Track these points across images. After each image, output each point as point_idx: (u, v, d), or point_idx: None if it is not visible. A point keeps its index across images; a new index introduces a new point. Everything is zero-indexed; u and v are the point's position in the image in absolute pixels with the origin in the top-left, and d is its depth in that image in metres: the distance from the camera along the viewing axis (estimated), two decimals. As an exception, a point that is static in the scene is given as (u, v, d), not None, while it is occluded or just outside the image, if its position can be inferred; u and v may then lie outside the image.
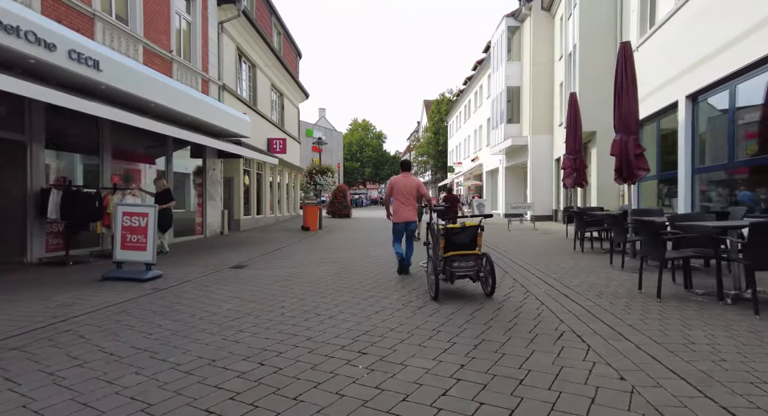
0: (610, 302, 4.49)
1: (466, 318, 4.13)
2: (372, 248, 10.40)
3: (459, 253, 4.93)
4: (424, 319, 4.15)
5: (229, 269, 7.63)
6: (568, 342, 3.35)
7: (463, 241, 4.97)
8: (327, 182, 16.65)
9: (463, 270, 4.92)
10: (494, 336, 3.55)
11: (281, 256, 9.23)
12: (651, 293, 4.84)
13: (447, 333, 3.68)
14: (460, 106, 38.76)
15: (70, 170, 8.62)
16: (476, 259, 4.91)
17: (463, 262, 4.90)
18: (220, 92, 14.00)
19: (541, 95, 20.18)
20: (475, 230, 5.00)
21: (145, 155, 10.92)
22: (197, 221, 12.89)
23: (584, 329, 3.65)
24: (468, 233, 4.98)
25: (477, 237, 5.00)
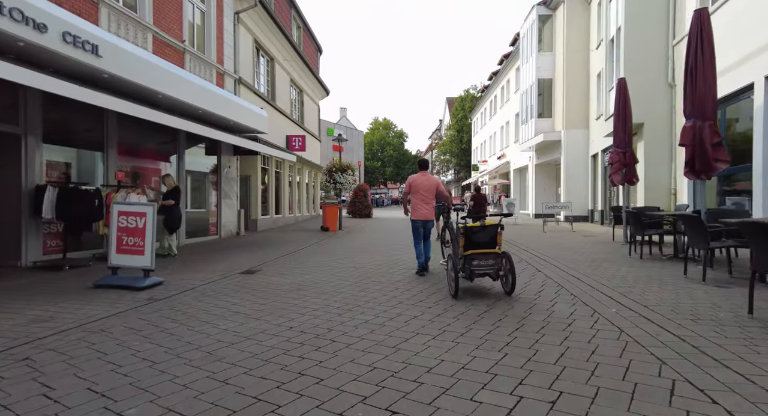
0: (717, 332, 3.43)
1: (554, 357, 3.18)
2: (394, 251, 9.50)
3: (479, 251, 4.96)
4: (485, 365, 3.21)
5: (238, 274, 6.88)
6: (692, 404, 2.35)
7: (483, 240, 5.01)
8: (347, 181, 15.85)
9: (482, 269, 4.94)
10: (584, 390, 2.59)
11: (297, 260, 8.44)
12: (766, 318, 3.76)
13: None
14: (485, 102, 37.42)
15: (71, 167, 8.02)
16: (496, 257, 4.94)
17: (483, 260, 4.93)
18: (236, 86, 13.36)
19: (576, 87, 18.84)
20: (495, 229, 5.01)
21: (155, 151, 10.32)
22: (212, 221, 12.27)
23: (705, 380, 2.58)
24: (488, 232, 5.01)
25: (497, 236, 5.02)
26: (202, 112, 10.05)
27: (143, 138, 9.83)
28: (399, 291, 5.38)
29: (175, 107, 9.41)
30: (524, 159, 25.17)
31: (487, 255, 4.95)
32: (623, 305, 4.36)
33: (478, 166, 37.61)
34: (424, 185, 6.55)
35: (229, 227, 12.99)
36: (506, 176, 31.69)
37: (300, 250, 10.08)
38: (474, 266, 4.94)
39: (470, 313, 4.25)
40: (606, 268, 6.72)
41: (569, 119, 19.03)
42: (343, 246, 10.76)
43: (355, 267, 7.39)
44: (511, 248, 9.76)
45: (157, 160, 10.34)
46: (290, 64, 18.89)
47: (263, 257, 8.75)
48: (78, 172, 8.14)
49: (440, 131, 62.09)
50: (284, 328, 3.86)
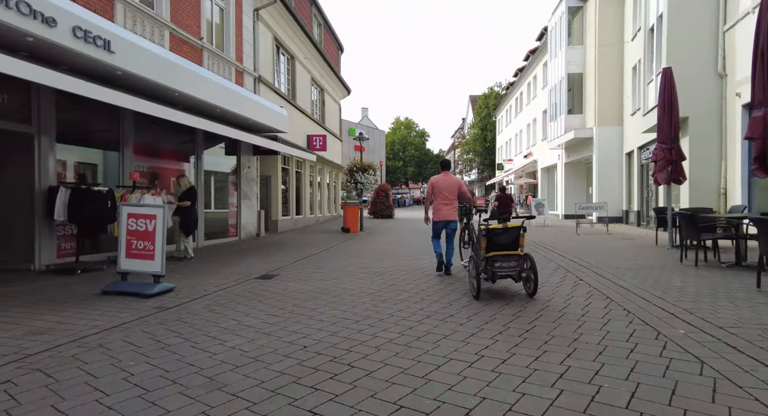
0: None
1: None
2: (418, 255, 8.98)
3: (501, 253, 4.97)
4: (537, 406, 2.68)
5: (254, 280, 6.51)
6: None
7: (505, 241, 5.00)
8: (368, 181, 15.41)
9: (505, 270, 4.95)
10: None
11: (316, 263, 8.03)
12: None
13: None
14: (511, 99, 36.39)
15: (86, 167, 7.83)
16: (518, 259, 4.94)
17: (505, 262, 4.94)
18: (256, 84, 13.11)
19: (609, 81, 17.85)
20: (517, 231, 5.01)
21: (173, 151, 10.12)
22: (231, 222, 12.04)
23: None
24: (510, 234, 5.01)
25: (519, 238, 5.02)
26: (220, 110, 9.78)
27: (160, 138, 9.63)
28: (425, 302, 4.87)
29: (192, 106, 9.17)
30: (553, 157, 24.20)
31: (510, 257, 4.95)
32: (692, 325, 3.72)
33: (503, 165, 36.62)
34: (447, 186, 6.52)
35: (249, 229, 12.74)
36: (533, 176, 30.66)
37: (320, 253, 9.68)
38: (496, 268, 4.94)
39: (511, 332, 3.70)
40: (657, 277, 6.01)
41: (602, 115, 18.06)
42: (364, 249, 10.31)
43: (377, 273, 6.91)
44: (545, 252, 9.10)
45: (175, 160, 10.14)
46: (311, 63, 18.60)
47: (282, 261, 8.39)
48: (93, 172, 7.96)
49: (463, 129, 61.08)
50: (297, 347, 3.41)
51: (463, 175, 53.50)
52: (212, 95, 9.17)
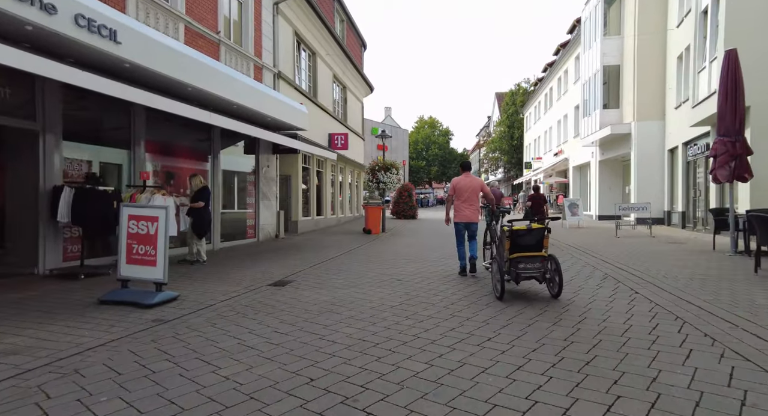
0: None
1: None
2: (443, 259, 8.28)
3: (525, 255, 4.92)
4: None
5: (267, 287, 5.98)
6: None
7: (529, 243, 4.95)
8: (391, 180, 14.78)
9: (529, 272, 4.90)
10: None
11: (335, 268, 7.46)
12: None
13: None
14: (540, 95, 35.03)
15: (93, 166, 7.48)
16: (542, 261, 4.90)
17: (529, 264, 4.90)
18: (276, 81, 12.68)
19: (650, 73, 16.61)
20: (542, 232, 4.96)
21: (188, 150, 9.75)
22: (249, 223, 11.63)
23: None
24: (534, 235, 4.95)
25: (543, 239, 4.96)
26: (237, 107, 9.35)
27: (175, 135, 9.27)
28: (455, 320, 4.19)
29: (207, 102, 8.76)
30: (586, 155, 22.94)
31: (534, 258, 4.90)
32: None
33: (531, 163, 35.30)
34: (468, 187, 6.46)
35: (268, 230, 12.32)
36: (564, 174, 29.33)
37: (339, 256, 9.11)
38: (520, 269, 4.89)
39: (568, 364, 2.99)
40: (732, 291, 5.13)
41: (641, 110, 16.83)
42: (386, 252, 9.68)
43: (399, 280, 6.27)
44: (586, 257, 8.23)
45: (191, 159, 9.76)
46: (333, 59, 18.12)
47: (299, 264, 7.86)
48: (102, 171, 7.62)
49: (489, 127, 59.67)
50: (302, 380, 2.80)
51: (488, 174, 52.15)
52: (228, 91, 8.74)
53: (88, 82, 5.21)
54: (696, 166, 13.37)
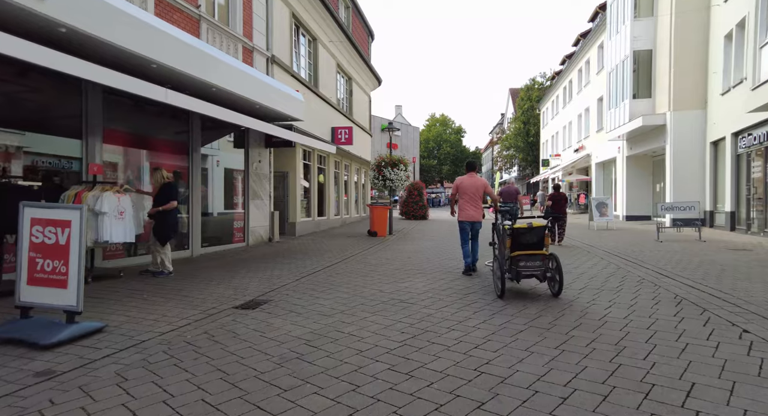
0: None
1: None
2: (458, 270, 6.83)
3: (526, 253, 4.90)
4: None
5: (232, 310, 4.65)
6: None
7: (530, 241, 4.94)
8: (399, 177, 13.36)
9: (529, 270, 4.88)
10: None
11: (325, 282, 6.07)
12: None
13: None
14: (558, 88, 33.21)
15: (23, 157, 6.18)
16: (543, 259, 4.87)
17: (530, 262, 4.88)
18: (269, 66, 11.36)
19: (689, 56, 14.86)
20: (542, 230, 4.96)
21: (160, 142, 8.46)
22: (237, 225, 10.31)
23: None
24: (535, 234, 4.95)
25: (544, 237, 4.95)
26: (216, 90, 8.01)
27: (144, 124, 7.99)
28: (482, 381, 2.76)
29: (180, 83, 7.43)
30: (611, 150, 21.19)
31: (534, 257, 4.89)
32: None
33: (549, 161, 33.50)
34: (472, 187, 6.48)
35: (259, 233, 10.99)
36: (585, 172, 27.54)
37: (334, 265, 7.73)
38: (521, 267, 4.89)
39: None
40: None
41: (678, 98, 15.10)
42: (391, 259, 8.25)
43: (402, 302, 4.85)
44: (635, 269, 6.68)
45: (165, 152, 8.47)
46: (336, 48, 16.75)
47: (284, 276, 6.50)
48: (49, 164, 6.33)
49: (503, 124, 57.83)
50: None
51: (503, 172, 50.35)
52: (205, 71, 7.41)
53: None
54: (751, 159, 11.66)
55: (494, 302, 4.84)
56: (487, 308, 4.58)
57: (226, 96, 8.37)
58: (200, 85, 7.67)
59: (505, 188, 12.07)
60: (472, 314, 4.35)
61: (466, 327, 3.90)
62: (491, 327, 3.90)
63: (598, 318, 4.13)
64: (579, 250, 9.32)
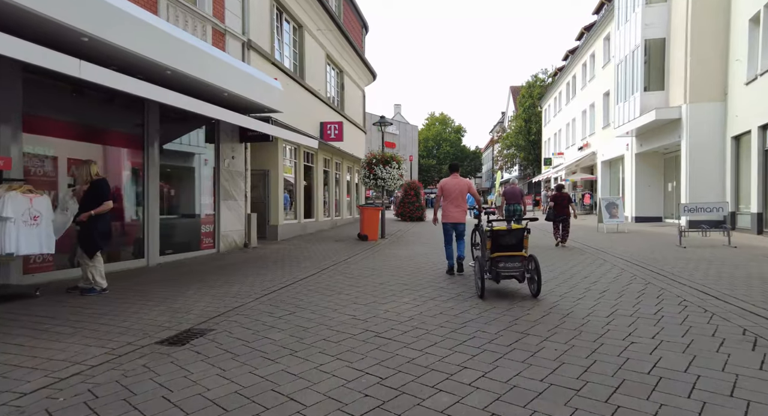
0: None
1: None
2: (452, 284, 5.67)
3: (505, 254, 4.99)
4: None
5: (151, 347, 3.52)
6: None
7: (509, 242, 5.02)
8: (391, 176, 12.20)
9: (509, 271, 4.95)
10: None
11: (290, 302, 4.91)
12: None
13: None
14: (560, 85, 32.05)
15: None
16: (522, 260, 4.97)
17: (509, 263, 4.96)
18: (245, 52, 10.20)
19: (707, 43, 13.69)
20: (521, 232, 5.04)
21: (106, 133, 7.29)
22: (205, 230, 9.13)
23: None
24: (515, 235, 5.04)
25: (524, 239, 5.03)
26: (171, 73, 6.84)
27: (87, 113, 6.82)
28: None
29: (126, 63, 6.27)
30: (618, 148, 20.03)
31: (514, 258, 4.96)
32: None
33: (551, 159, 32.33)
34: (456, 188, 6.51)
35: (232, 238, 9.81)
36: (590, 170, 26.38)
37: (311, 276, 6.57)
38: (500, 268, 4.95)
39: None
40: None
41: (695, 89, 13.93)
42: (376, 270, 7.08)
43: (379, 335, 3.69)
44: (669, 285, 5.50)
45: (114, 146, 7.30)
46: (326, 37, 15.58)
47: (243, 293, 5.36)
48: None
49: (503, 123, 56.70)
50: None
51: (503, 172, 49.16)
52: (156, 49, 6.25)
53: None
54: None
55: (498, 336, 3.67)
56: (489, 348, 3.41)
57: (187, 81, 7.21)
58: (151, 67, 6.51)
59: (509, 189, 11.16)
60: (467, 359, 3.18)
61: (460, 386, 2.73)
62: (493, 385, 2.73)
63: (646, 370, 2.96)
64: (589, 255, 8.16)
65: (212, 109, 7.21)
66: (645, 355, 3.16)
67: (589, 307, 4.54)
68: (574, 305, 4.62)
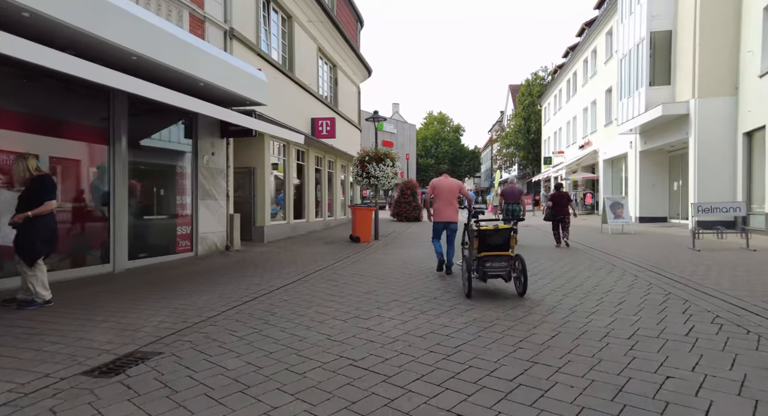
0: None
1: None
2: (448, 292, 5.01)
3: (492, 254, 5.05)
4: None
5: (74, 380, 2.84)
6: None
7: (496, 242, 5.09)
8: (385, 174, 11.53)
9: (495, 270, 5.01)
10: None
11: (259, 318, 4.25)
12: None
13: None
14: (561, 82, 31.41)
15: None
16: (509, 260, 5.03)
17: (496, 262, 5.02)
18: (227, 41, 9.52)
19: (717, 35, 13.06)
20: (508, 232, 5.12)
21: (67, 125, 6.61)
22: (182, 232, 8.46)
23: None
24: (501, 235, 5.11)
25: (510, 239, 5.10)
26: (137, 59, 6.17)
27: (41, 103, 6.14)
28: None
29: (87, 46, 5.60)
30: (621, 146, 19.40)
31: (500, 257, 5.02)
32: None
33: (551, 158, 31.70)
34: (447, 188, 6.58)
35: (212, 240, 9.13)
36: (591, 169, 25.75)
37: (292, 283, 5.91)
38: (487, 267, 5.00)
39: None
40: None
41: (704, 84, 13.28)
42: (365, 276, 6.41)
43: (355, 365, 3.04)
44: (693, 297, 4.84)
45: (73, 139, 6.61)
46: (317, 29, 14.91)
47: (208, 306, 4.70)
48: None
49: (502, 122, 56.08)
50: None
51: (502, 171, 48.54)
52: (118, 32, 5.59)
53: None
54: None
55: (499, 366, 3.00)
56: (488, 384, 2.74)
57: (159, 70, 6.55)
58: (113, 51, 5.84)
59: (508, 189, 10.68)
60: (460, 401, 2.51)
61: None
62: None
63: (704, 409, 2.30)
64: (597, 260, 7.50)
65: (185, 99, 6.54)
66: (689, 398, 2.49)
67: (605, 325, 3.88)
68: (587, 323, 3.96)
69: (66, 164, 6.50)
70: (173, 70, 6.64)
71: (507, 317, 4.19)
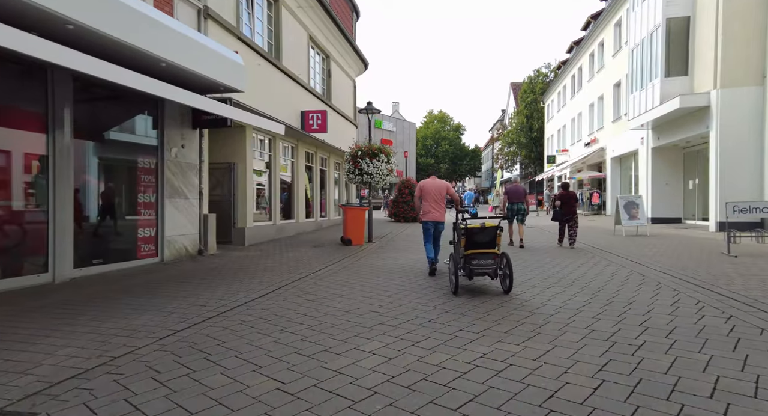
0: None
1: None
2: (447, 312, 3.97)
3: (479, 251, 5.10)
4: None
5: None
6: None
7: (483, 240, 5.14)
8: (379, 170, 10.49)
9: (482, 268, 5.06)
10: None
11: (204, 347, 3.23)
12: None
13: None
14: (565, 78, 30.34)
15: None
16: (495, 257, 5.07)
17: (482, 260, 5.06)
18: (201, 20, 8.48)
19: (742, 20, 12.00)
20: (494, 230, 5.17)
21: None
22: (144, 234, 7.40)
23: None
24: (488, 233, 5.16)
25: (496, 237, 5.16)
26: (74, 28, 5.13)
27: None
28: None
29: (12, 10, 4.57)
30: (631, 142, 18.34)
31: (487, 255, 5.07)
32: None
33: (555, 157, 30.62)
34: (435, 189, 6.57)
35: (182, 244, 8.08)
36: (598, 168, 24.69)
37: (260, 298, 4.88)
38: (473, 265, 5.06)
39: None
40: None
41: (727, 73, 12.22)
42: (349, 288, 5.36)
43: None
44: (765, 320, 3.81)
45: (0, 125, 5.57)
46: (308, 16, 13.88)
47: (149, 329, 3.68)
48: None
49: (503, 120, 55.03)
50: None
51: (503, 170, 47.49)
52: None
53: None
54: None
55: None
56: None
57: (107, 44, 5.51)
58: (48, 18, 4.82)
59: (512, 188, 9.99)
60: None
61: None
62: None
63: None
64: (619, 267, 6.44)
65: (136, 78, 5.48)
66: None
67: (667, 365, 2.83)
68: (632, 358, 2.91)
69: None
70: (126, 45, 5.61)
71: (525, 351, 3.14)
